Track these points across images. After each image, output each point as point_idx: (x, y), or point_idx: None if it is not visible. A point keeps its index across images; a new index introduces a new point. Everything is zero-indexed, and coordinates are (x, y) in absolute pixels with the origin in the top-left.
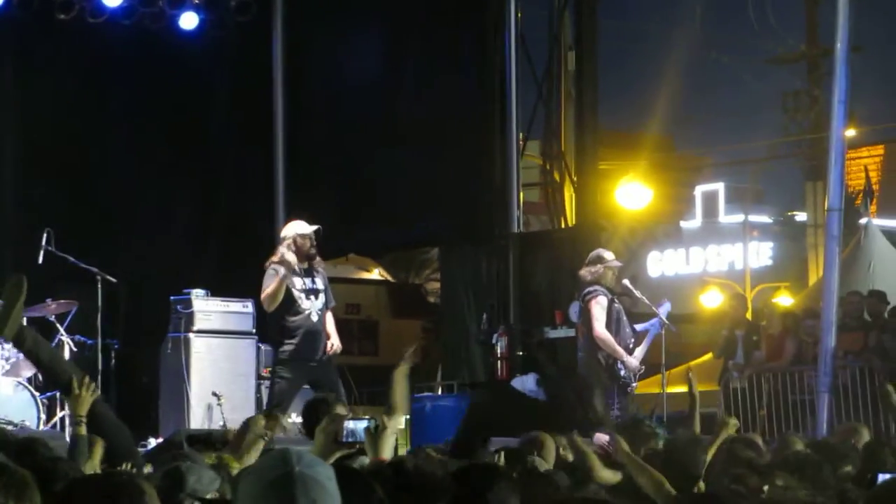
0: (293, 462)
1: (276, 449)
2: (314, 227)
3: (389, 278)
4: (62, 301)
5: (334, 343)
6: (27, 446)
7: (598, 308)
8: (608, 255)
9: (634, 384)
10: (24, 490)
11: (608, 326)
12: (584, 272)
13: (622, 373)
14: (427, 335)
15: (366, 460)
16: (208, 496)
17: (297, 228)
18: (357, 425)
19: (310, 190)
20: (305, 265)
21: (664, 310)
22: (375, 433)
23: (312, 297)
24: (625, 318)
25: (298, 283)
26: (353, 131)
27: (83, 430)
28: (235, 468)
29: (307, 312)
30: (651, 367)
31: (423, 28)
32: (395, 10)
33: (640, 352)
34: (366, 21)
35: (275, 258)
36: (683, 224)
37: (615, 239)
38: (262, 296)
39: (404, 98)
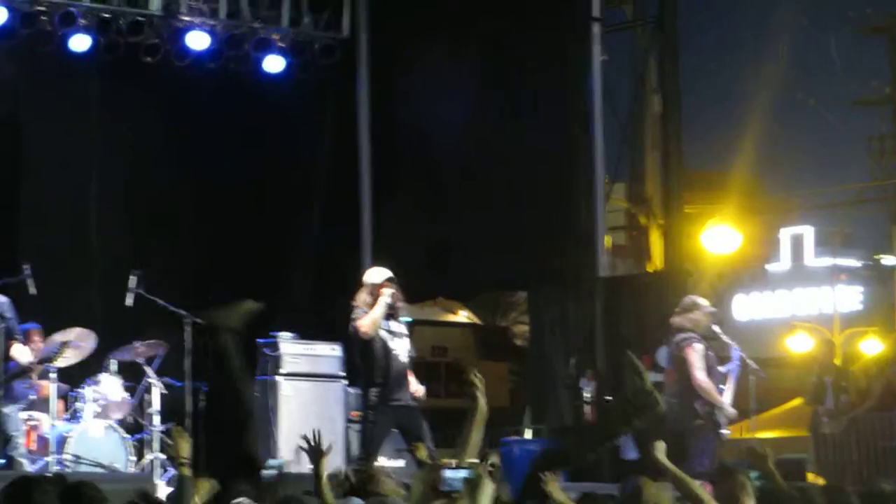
0: None
1: (375, 499)
2: (387, 274)
3: (476, 321)
4: (150, 342)
5: (416, 388)
6: (76, 488)
7: (696, 355)
8: (703, 301)
9: (727, 431)
10: None
11: (706, 374)
12: (680, 318)
13: (718, 419)
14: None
15: None
16: None
17: (375, 276)
18: (455, 475)
19: (397, 233)
20: (390, 310)
21: (737, 355)
22: (474, 483)
23: (398, 340)
24: (716, 366)
25: (384, 325)
26: (440, 174)
27: (187, 471)
28: None
29: (396, 353)
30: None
31: (508, 72)
32: (479, 54)
33: (727, 396)
34: (450, 65)
35: (358, 301)
36: (770, 267)
37: (702, 283)
38: (363, 321)
39: (490, 141)
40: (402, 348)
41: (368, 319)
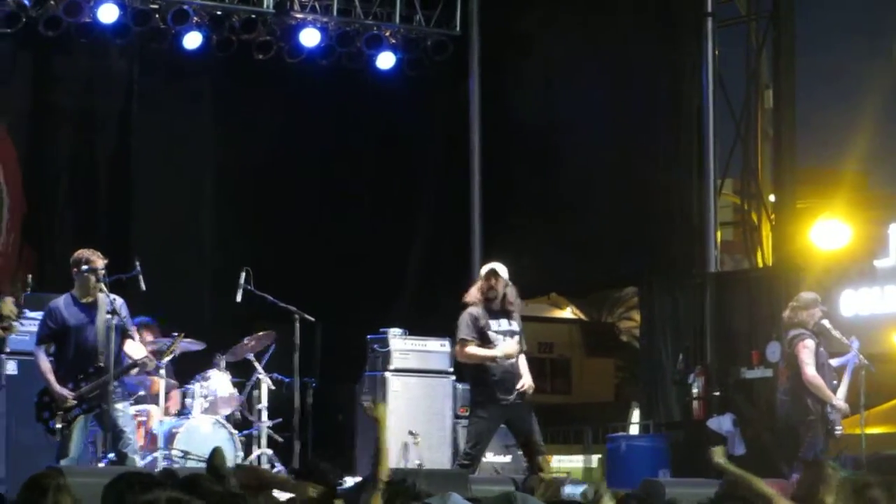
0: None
1: (503, 493)
2: (505, 272)
3: (582, 317)
4: (260, 335)
5: (526, 382)
6: (191, 481)
7: (807, 352)
8: (815, 297)
9: (840, 427)
10: None
11: (817, 370)
12: (792, 314)
13: (831, 416)
14: (620, 374)
15: None
16: None
17: (494, 270)
18: (574, 490)
19: (507, 229)
20: (499, 307)
21: (855, 345)
22: (592, 500)
23: (508, 338)
24: (828, 361)
25: (494, 324)
26: (551, 170)
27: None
28: None
29: (510, 362)
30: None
31: (622, 68)
32: (592, 49)
33: (842, 391)
34: (562, 60)
35: (469, 298)
36: (878, 263)
37: (811, 279)
38: (463, 351)
39: (603, 137)
40: (511, 347)
41: (466, 356)
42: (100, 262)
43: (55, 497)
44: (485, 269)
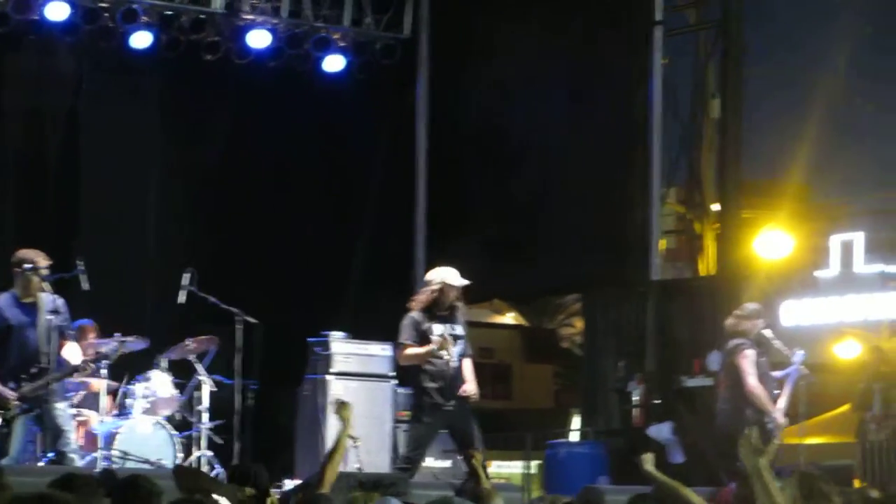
0: None
1: (440, 498)
2: (464, 282)
3: (523, 322)
4: (202, 338)
5: (468, 388)
6: (130, 482)
7: (748, 362)
8: (758, 307)
9: (778, 438)
10: None
11: (758, 380)
12: (734, 323)
13: (769, 426)
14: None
15: None
16: None
17: (447, 277)
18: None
19: (451, 234)
20: (447, 312)
21: (799, 357)
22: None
23: (452, 343)
24: (769, 371)
25: (437, 328)
26: (497, 176)
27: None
28: None
29: (446, 359)
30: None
31: (571, 74)
32: (539, 54)
33: (782, 402)
34: (510, 65)
35: (414, 304)
36: (819, 273)
37: (753, 288)
38: (403, 353)
39: (548, 142)
40: (454, 352)
41: (405, 358)
42: (43, 262)
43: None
44: (436, 277)
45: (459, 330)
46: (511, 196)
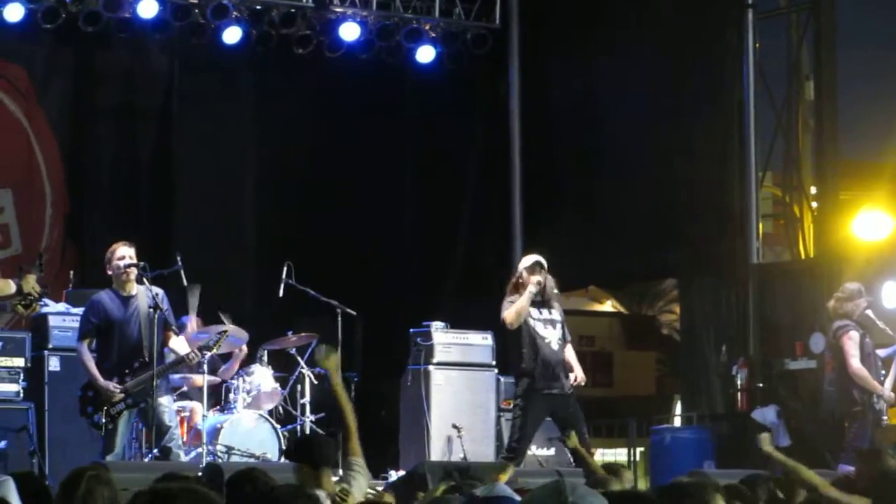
0: (567, 493)
1: (552, 481)
2: (533, 259)
3: (623, 310)
4: (303, 334)
5: (578, 375)
6: (246, 474)
7: (852, 343)
8: (860, 288)
9: (886, 418)
10: None
11: (862, 361)
12: (837, 306)
13: (877, 406)
14: (661, 367)
15: None
16: None
17: (522, 262)
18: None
19: (548, 221)
20: (539, 297)
21: None
22: None
23: (550, 327)
24: (874, 351)
25: (535, 313)
26: (592, 162)
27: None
28: None
29: (547, 341)
30: None
31: (663, 59)
32: (632, 41)
33: (889, 382)
34: (603, 52)
35: (508, 289)
36: None
37: (852, 270)
38: (508, 311)
39: (644, 129)
40: (553, 336)
41: (513, 310)
42: (125, 252)
43: (87, 486)
44: (529, 261)
45: (556, 314)
46: (604, 183)
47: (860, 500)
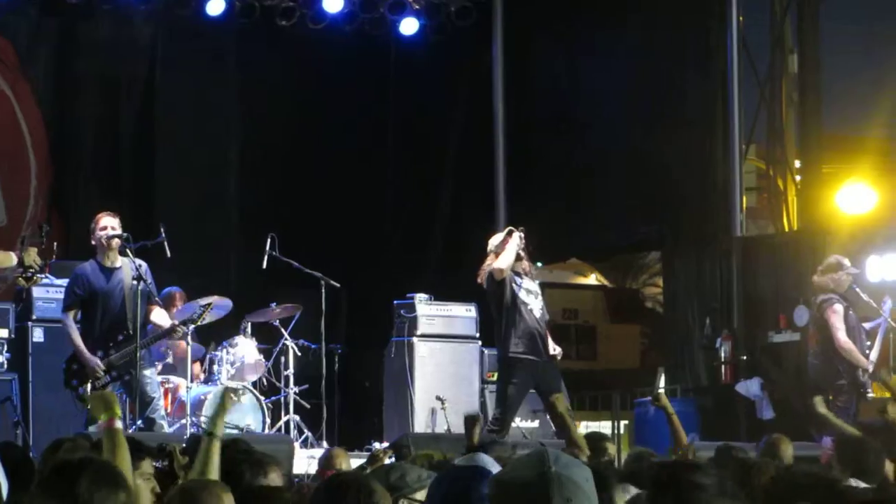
0: (550, 462)
1: (535, 450)
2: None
3: (607, 283)
4: (287, 306)
5: (555, 348)
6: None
7: (837, 317)
8: (846, 261)
9: (871, 391)
10: (115, 483)
11: (847, 334)
12: (821, 278)
13: (862, 379)
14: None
15: None
16: (418, 495)
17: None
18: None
19: (531, 194)
20: (522, 267)
21: (887, 308)
22: None
23: (532, 297)
24: (859, 324)
25: (518, 280)
26: (575, 135)
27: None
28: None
29: (530, 308)
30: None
31: (644, 32)
32: (615, 14)
33: (874, 355)
34: (586, 26)
35: (497, 265)
36: None
37: (836, 243)
38: (496, 263)
39: (625, 102)
40: (536, 305)
41: (501, 259)
42: (108, 222)
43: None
44: (499, 235)
45: (535, 287)
46: (588, 156)
47: None
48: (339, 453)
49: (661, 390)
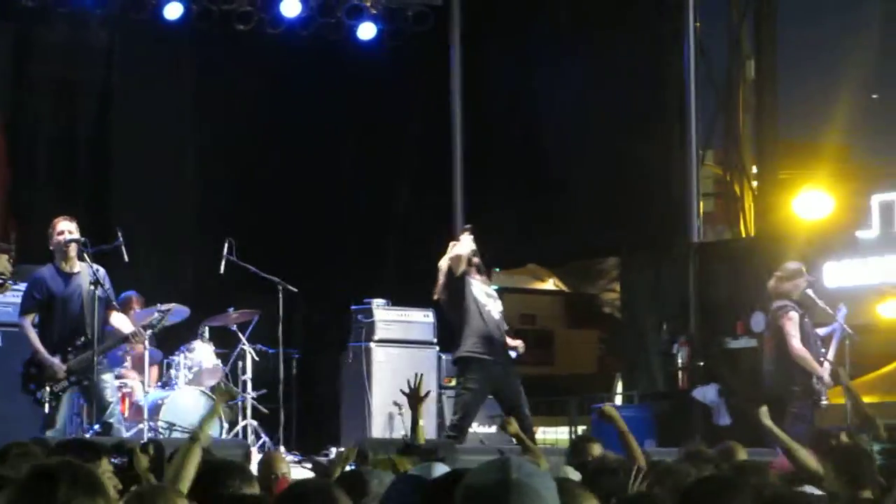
0: (512, 469)
1: (499, 456)
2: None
3: (564, 288)
4: (244, 311)
5: (516, 342)
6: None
7: (791, 324)
8: (801, 267)
9: (825, 398)
10: (94, 489)
11: (802, 342)
12: (777, 284)
13: (816, 387)
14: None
15: None
16: None
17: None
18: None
19: (488, 199)
20: (479, 269)
21: (842, 314)
22: None
23: (491, 300)
24: (814, 331)
25: (476, 284)
26: (532, 141)
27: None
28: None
29: (488, 309)
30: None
31: (601, 37)
32: (571, 19)
33: (830, 357)
34: (542, 31)
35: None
36: (860, 234)
37: (793, 249)
38: (452, 254)
39: (582, 108)
40: (495, 308)
41: (456, 248)
42: (66, 227)
43: (13, 463)
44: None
45: (493, 293)
46: (546, 161)
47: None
48: (278, 457)
49: (610, 405)
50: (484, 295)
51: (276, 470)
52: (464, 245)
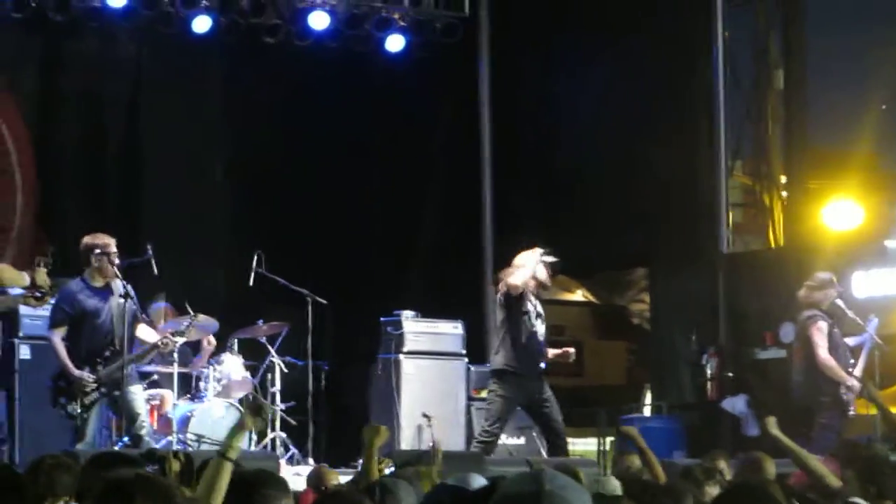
0: (545, 481)
1: (535, 469)
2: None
3: (593, 299)
4: (273, 323)
5: (570, 350)
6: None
7: (820, 334)
8: (831, 277)
9: (853, 408)
10: (168, 500)
11: (831, 352)
12: (807, 294)
13: (844, 397)
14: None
15: None
16: None
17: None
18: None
19: (517, 210)
20: (539, 291)
21: (872, 326)
22: None
23: (539, 321)
24: (843, 341)
25: (531, 304)
26: (561, 151)
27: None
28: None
29: (534, 330)
30: None
31: (630, 47)
32: (601, 28)
33: (858, 371)
34: (572, 40)
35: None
36: (889, 243)
37: (822, 259)
38: (515, 276)
39: (612, 118)
40: (541, 329)
41: (517, 275)
42: (113, 245)
43: (48, 475)
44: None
45: (542, 310)
46: (574, 173)
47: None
48: (327, 470)
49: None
50: (535, 314)
51: (325, 482)
52: (527, 270)
